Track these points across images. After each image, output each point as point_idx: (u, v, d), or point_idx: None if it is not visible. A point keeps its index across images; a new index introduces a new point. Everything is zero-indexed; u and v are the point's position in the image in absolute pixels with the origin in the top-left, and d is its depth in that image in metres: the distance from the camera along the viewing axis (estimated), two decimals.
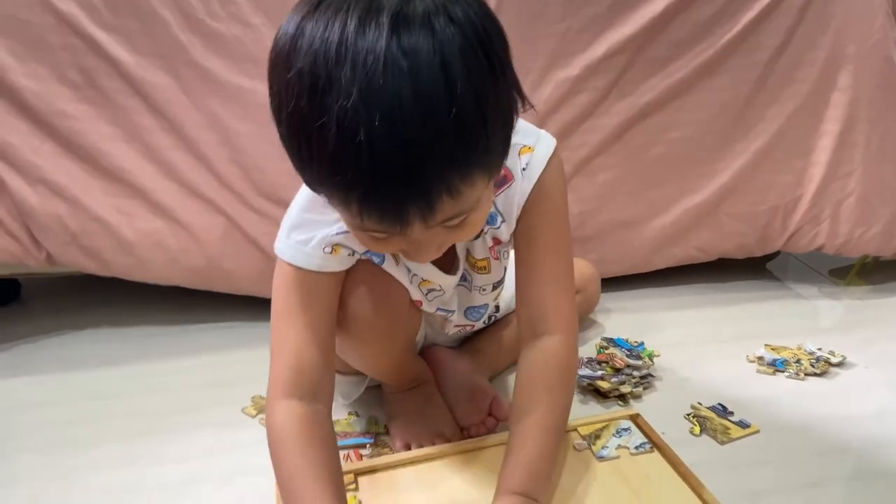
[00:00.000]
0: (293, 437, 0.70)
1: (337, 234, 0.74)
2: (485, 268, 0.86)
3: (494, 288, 0.92)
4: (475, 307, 0.94)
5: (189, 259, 1.16)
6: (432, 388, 0.97)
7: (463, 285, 0.90)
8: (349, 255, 0.76)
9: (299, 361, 0.73)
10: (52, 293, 1.39)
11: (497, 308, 1.03)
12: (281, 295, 0.75)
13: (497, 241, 0.82)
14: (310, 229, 0.74)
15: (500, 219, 0.79)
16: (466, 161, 0.57)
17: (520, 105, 0.62)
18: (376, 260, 0.80)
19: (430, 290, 0.86)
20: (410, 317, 0.88)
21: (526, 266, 0.81)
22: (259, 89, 1.10)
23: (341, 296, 0.79)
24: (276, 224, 1.13)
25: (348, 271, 0.79)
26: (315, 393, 0.73)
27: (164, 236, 1.14)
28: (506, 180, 0.77)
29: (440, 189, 0.56)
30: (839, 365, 1.09)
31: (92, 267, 1.16)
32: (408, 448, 0.89)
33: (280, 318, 0.75)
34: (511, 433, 0.76)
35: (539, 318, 0.80)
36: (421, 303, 0.88)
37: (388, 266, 0.81)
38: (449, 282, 0.86)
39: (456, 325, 0.98)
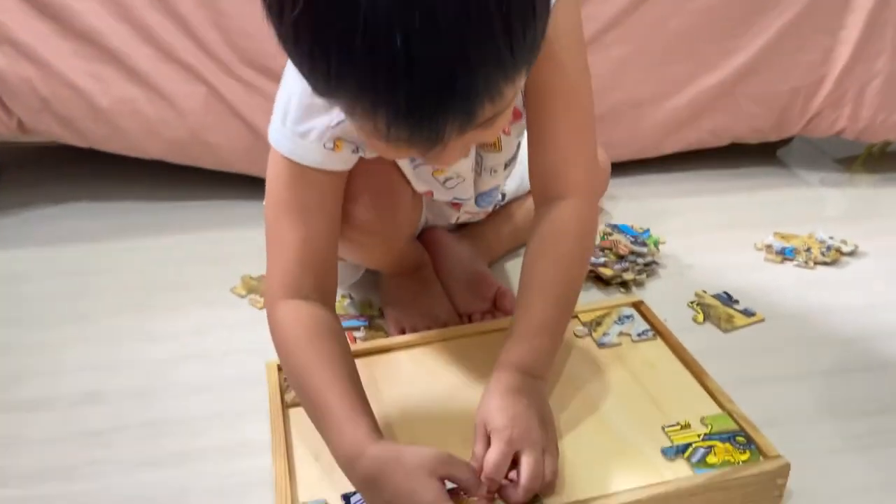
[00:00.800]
0: (300, 335, 0.65)
1: (338, 123, 0.64)
2: (495, 145, 0.80)
3: (506, 167, 0.85)
4: (486, 192, 0.89)
5: (169, 130, 1.09)
6: (430, 273, 0.94)
7: (474, 170, 0.84)
8: (352, 151, 0.67)
9: (301, 260, 0.67)
10: (28, 165, 1.33)
11: (503, 196, 0.98)
12: (277, 188, 0.67)
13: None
14: (308, 117, 0.64)
15: None
16: (514, 62, 0.48)
17: None
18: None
19: (447, 179, 0.80)
20: (413, 212, 0.83)
21: (537, 124, 0.71)
22: None
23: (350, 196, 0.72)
24: (263, 96, 1.08)
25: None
26: (320, 292, 0.67)
27: (140, 104, 1.07)
28: None
29: (483, 97, 0.48)
30: (851, 254, 1.06)
31: (67, 136, 1.10)
32: (402, 333, 0.86)
33: (278, 214, 0.67)
34: (517, 305, 0.70)
35: (551, 180, 0.70)
36: (431, 194, 0.82)
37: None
38: (464, 166, 0.79)
39: (466, 212, 0.93)
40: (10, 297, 0.96)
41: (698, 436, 0.67)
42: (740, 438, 0.66)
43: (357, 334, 0.88)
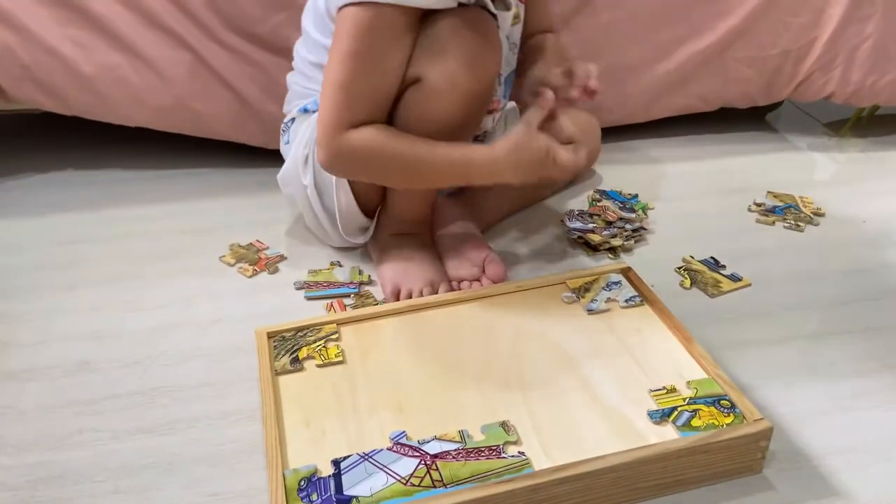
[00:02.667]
0: (383, 136, 0.77)
1: None
2: (518, 16, 0.88)
3: (517, 51, 0.93)
4: (507, 77, 0.93)
5: (154, 97, 1.08)
6: (427, 237, 0.94)
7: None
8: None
9: (376, 101, 0.78)
10: (11, 133, 1.31)
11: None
12: (360, 35, 0.74)
13: None
14: None
15: None
16: None
17: None
18: None
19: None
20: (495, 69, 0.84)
21: None
22: None
23: (434, 41, 0.77)
24: (248, 62, 1.07)
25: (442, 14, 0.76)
26: (380, 117, 0.79)
27: (125, 72, 1.05)
28: None
29: None
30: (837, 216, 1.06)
31: (50, 104, 1.08)
32: (397, 291, 0.87)
33: (347, 60, 0.75)
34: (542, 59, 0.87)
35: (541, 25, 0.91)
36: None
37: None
38: (506, 20, 0.85)
39: (493, 115, 0.94)
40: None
41: (684, 399, 0.68)
42: (725, 402, 0.67)
43: (346, 301, 0.88)
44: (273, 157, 1.12)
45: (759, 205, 1.09)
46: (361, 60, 0.76)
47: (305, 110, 0.92)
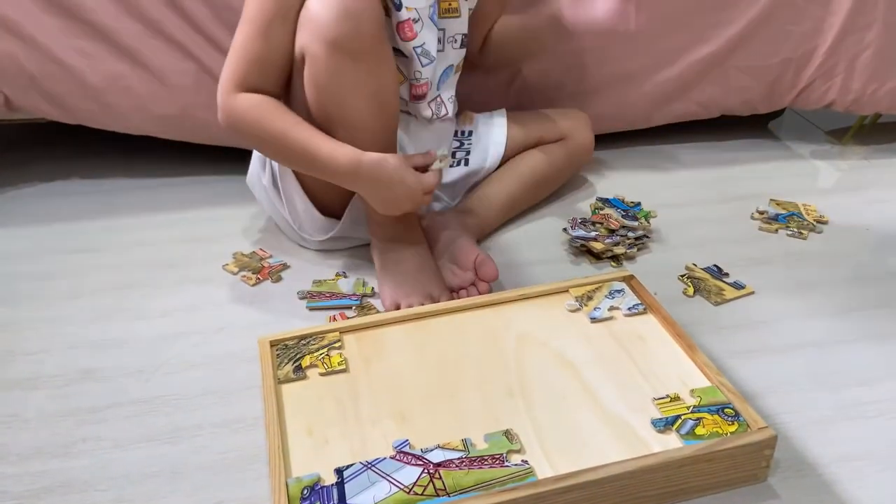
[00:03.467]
0: (265, 107, 0.81)
1: None
2: (456, 10, 0.93)
3: (462, 45, 0.97)
4: (445, 71, 0.96)
5: (159, 106, 1.08)
6: (425, 251, 0.94)
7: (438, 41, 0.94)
8: None
9: (258, 64, 0.82)
10: (16, 142, 1.32)
11: (455, 104, 1.04)
12: (255, 2, 0.81)
13: None
14: None
15: None
16: None
17: None
18: None
19: (419, 48, 0.90)
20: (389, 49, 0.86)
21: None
22: None
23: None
24: None
25: None
26: (267, 92, 0.83)
27: (129, 81, 1.06)
28: None
29: None
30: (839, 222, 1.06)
31: (55, 113, 1.08)
32: (397, 306, 0.86)
33: (242, 26, 0.82)
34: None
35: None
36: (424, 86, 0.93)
37: None
38: (430, 38, 0.91)
39: (430, 102, 0.97)
40: (4, 277, 0.96)
41: (687, 408, 0.68)
42: (729, 410, 0.67)
43: (348, 313, 0.88)
44: None
45: (761, 212, 1.09)
46: (252, 25, 0.81)
47: None
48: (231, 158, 1.17)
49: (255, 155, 0.97)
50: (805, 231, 1.05)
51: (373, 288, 0.92)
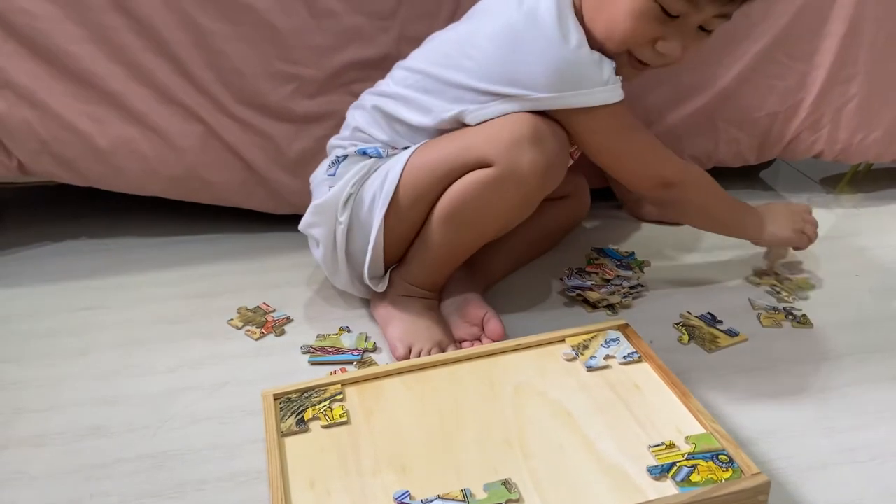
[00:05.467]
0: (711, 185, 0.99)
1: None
2: None
3: None
4: None
5: (167, 168, 1.12)
6: (434, 301, 0.97)
7: None
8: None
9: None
10: (27, 204, 1.35)
11: None
12: (623, 120, 0.90)
13: None
14: (600, 73, 0.85)
15: None
16: None
17: None
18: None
19: None
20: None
21: None
22: None
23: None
24: (257, 132, 1.12)
25: None
26: None
27: (139, 144, 1.09)
28: None
29: None
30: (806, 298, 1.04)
31: (66, 177, 1.12)
32: (408, 351, 0.89)
33: (635, 130, 0.93)
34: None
35: None
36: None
37: None
38: None
39: None
40: (10, 335, 0.98)
41: (682, 455, 0.69)
42: (723, 457, 0.68)
43: (349, 368, 0.90)
44: (281, 221, 1.16)
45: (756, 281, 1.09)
46: (641, 127, 0.96)
47: (364, 153, 0.94)
48: (233, 217, 1.20)
49: (340, 190, 0.92)
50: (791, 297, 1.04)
51: (374, 343, 0.94)
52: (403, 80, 0.94)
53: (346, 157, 0.96)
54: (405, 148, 0.92)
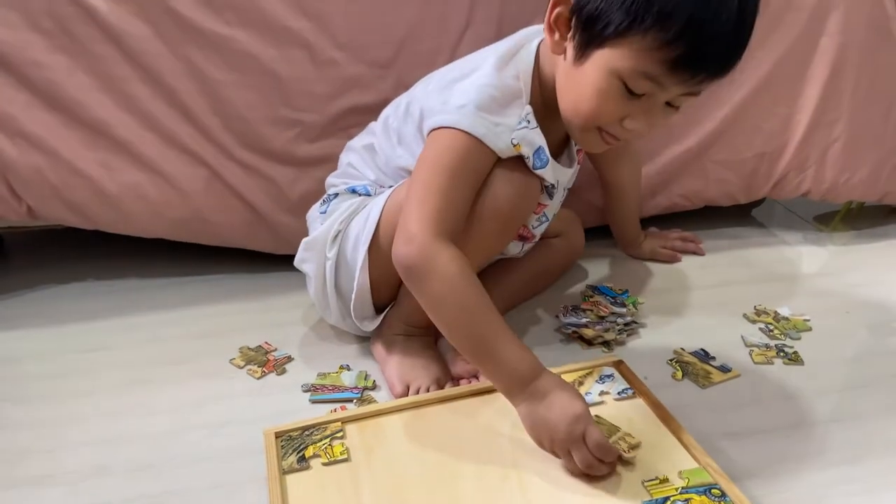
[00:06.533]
0: (466, 274, 0.79)
1: (519, 129, 0.85)
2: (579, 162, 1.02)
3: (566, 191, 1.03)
4: (554, 215, 1.04)
5: (172, 211, 1.15)
6: (431, 339, 0.99)
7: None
8: (522, 156, 0.86)
9: (451, 211, 0.82)
10: (34, 247, 1.38)
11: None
12: (448, 156, 0.83)
13: None
14: (498, 117, 0.84)
15: None
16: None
17: None
18: (538, 164, 0.88)
19: (552, 187, 0.95)
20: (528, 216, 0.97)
21: None
22: (238, 37, 1.07)
23: (493, 183, 0.86)
24: (260, 175, 1.15)
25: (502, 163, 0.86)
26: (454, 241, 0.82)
27: (146, 189, 1.12)
28: None
29: (731, 70, 0.77)
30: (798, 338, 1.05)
31: (75, 221, 1.15)
32: (406, 388, 0.90)
33: (441, 172, 0.83)
34: None
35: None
36: (545, 208, 0.98)
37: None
38: (567, 176, 0.98)
39: (524, 242, 1.04)
40: (16, 377, 0.99)
41: (676, 489, 0.71)
42: (716, 491, 0.70)
43: (349, 406, 0.91)
44: (282, 262, 1.19)
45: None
46: (458, 176, 0.83)
47: (353, 191, 0.99)
48: (235, 257, 1.23)
49: (329, 226, 0.96)
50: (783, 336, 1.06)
51: (374, 381, 0.96)
52: (385, 119, 1.00)
53: (337, 194, 1.00)
54: (391, 186, 0.96)
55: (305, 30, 1.08)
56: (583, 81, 0.80)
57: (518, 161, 0.87)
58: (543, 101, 0.89)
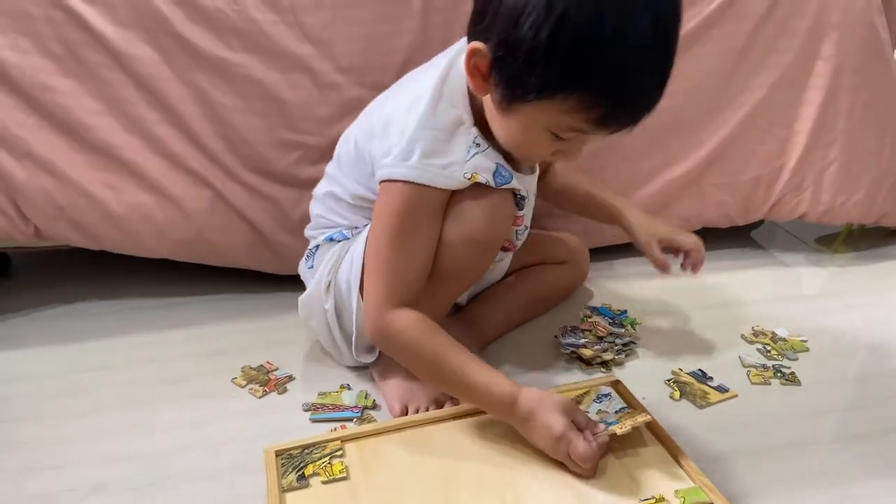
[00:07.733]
0: (423, 329, 0.83)
1: (469, 160, 0.84)
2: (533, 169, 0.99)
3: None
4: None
5: (176, 232, 1.16)
6: None
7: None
8: (483, 181, 0.85)
9: (417, 275, 0.85)
10: (40, 267, 1.40)
11: None
12: (402, 208, 0.83)
13: None
14: (446, 158, 0.83)
15: None
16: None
17: None
18: (501, 181, 0.87)
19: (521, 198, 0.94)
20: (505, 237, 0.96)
21: None
22: (243, 62, 1.09)
23: (461, 211, 0.86)
24: (263, 197, 1.17)
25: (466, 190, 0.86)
26: (414, 303, 0.84)
27: (151, 210, 1.14)
28: None
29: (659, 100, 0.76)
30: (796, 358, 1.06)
31: (80, 241, 1.16)
32: (405, 409, 0.91)
33: (394, 231, 0.83)
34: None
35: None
36: (522, 219, 0.96)
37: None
38: (532, 183, 0.97)
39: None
40: (20, 396, 1.00)
41: None
42: None
43: (349, 425, 0.92)
44: (285, 282, 1.20)
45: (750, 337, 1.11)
46: (406, 239, 0.84)
47: (331, 239, 1.00)
48: (237, 278, 1.24)
49: (319, 279, 0.98)
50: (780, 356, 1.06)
51: (374, 400, 0.97)
52: (339, 160, 1.01)
53: (318, 246, 1.02)
54: (366, 225, 0.96)
55: (309, 54, 1.10)
56: (510, 127, 0.80)
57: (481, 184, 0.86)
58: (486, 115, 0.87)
